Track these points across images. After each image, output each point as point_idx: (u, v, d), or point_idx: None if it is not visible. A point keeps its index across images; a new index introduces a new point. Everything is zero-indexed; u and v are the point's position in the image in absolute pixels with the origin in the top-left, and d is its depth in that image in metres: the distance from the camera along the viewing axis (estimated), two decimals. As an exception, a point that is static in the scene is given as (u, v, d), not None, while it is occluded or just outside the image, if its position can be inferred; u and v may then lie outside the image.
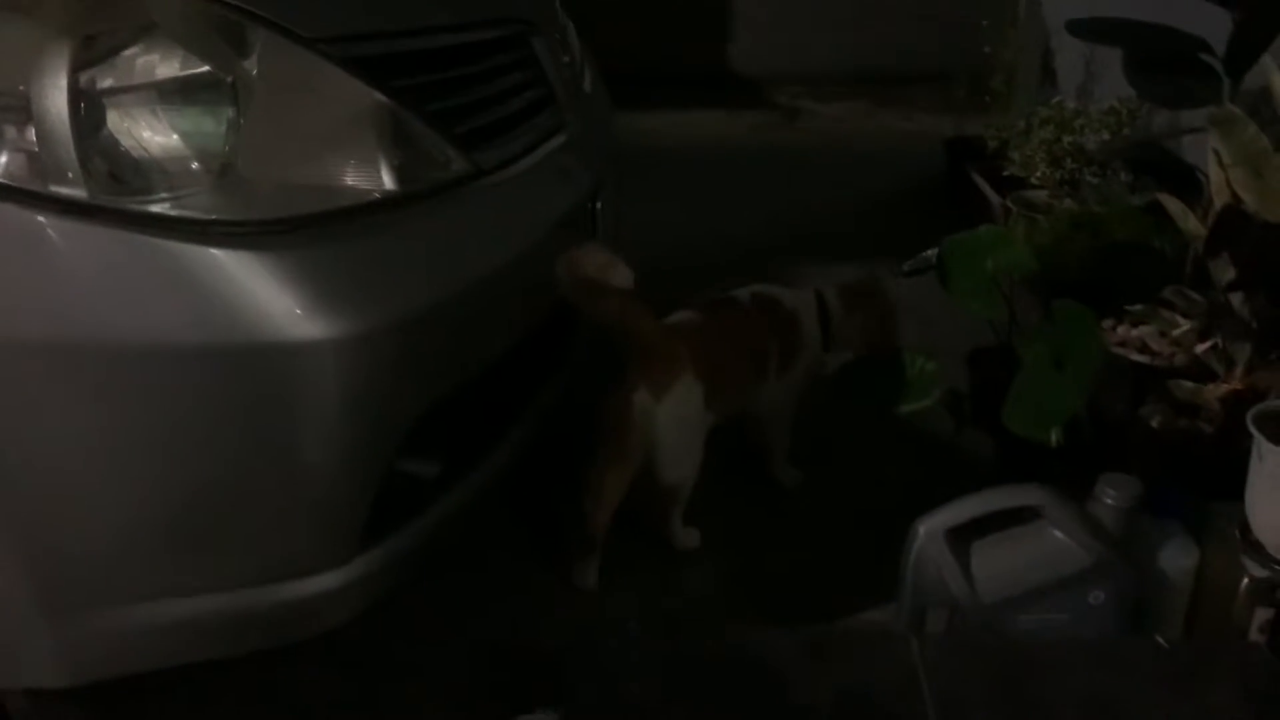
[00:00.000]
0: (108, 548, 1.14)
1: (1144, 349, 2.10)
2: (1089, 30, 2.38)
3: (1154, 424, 1.85)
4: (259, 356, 1.09)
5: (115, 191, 1.06)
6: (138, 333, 1.06)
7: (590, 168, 1.78)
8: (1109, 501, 1.47)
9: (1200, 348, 1.86)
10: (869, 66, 4.95)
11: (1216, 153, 1.77)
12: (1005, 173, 3.06)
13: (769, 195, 3.65)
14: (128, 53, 1.08)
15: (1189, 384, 1.87)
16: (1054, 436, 1.62)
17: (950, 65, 4.61)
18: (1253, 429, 1.49)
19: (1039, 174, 2.92)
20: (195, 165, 1.11)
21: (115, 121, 1.08)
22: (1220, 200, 1.75)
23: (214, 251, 1.06)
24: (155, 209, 1.06)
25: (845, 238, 3.16)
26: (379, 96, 1.23)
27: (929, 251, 2.51)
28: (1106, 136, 2.83)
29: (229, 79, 1.14)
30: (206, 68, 1.13)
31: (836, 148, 4.39)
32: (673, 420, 1.61)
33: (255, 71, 1.15)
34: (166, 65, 1.11)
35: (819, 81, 4.98)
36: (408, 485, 1.30)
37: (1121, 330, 2.16)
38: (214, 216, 1.08)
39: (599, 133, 1.94)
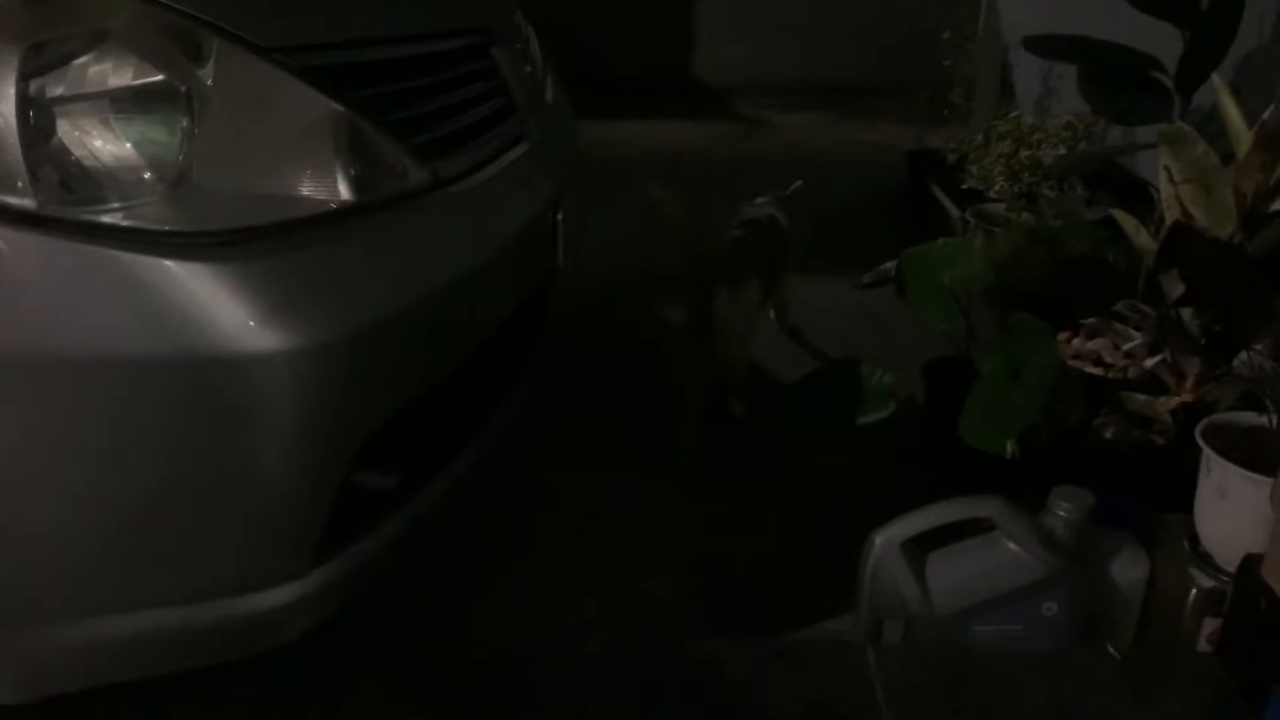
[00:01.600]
0: (59, 562, 1.12)
1: (1098, 361, 2.14)
2: (1045, 47, 2.43)
3: (1107, 435, 1.88)
4: (212, 368, 1.07)
5: (66, 201, 1.04)
6: (90, 344, 1.04)
7: (552, 177, 1.77)
8: (1061, 514, 1.49)
9: (1150, 362, 1.89)
10: (832, 78, 5.00)
11: (1168, 169, 1.80)
12: (964, 186, 3.10)
13: (732, 205, 3.66)
14: (79, 61, 1.06)
15: (1141, 396, 1.91)
16: (1009, 448, 1.64)
17: (911, 78, 4.67)
18: (1200, 442, 1.52)
19: (997, 187, 2.96)
20: (148, 175, 1.09)
21: (66, 130, 1.06)
22: (1171, 216, 1.79)
23: (167, 263, 1.04)
24: (107, 219, 1.04)
25: (808, 247, 3.18)
26: (336, 106, 1.21)
27: (887, 264, 2.54)
28: (1063, 151, 2.87)
29: (183, 88, 1.12)
30: (160, 76, 1.11)
31: (799, 158, 4.42)
32: (739, 311, 2.08)
33: (210, 81, 1.13)
34: (119, 74, 1.09)
35: (783, 92, 5.01)
36: (365, 496, 1.29)
37: (1077, 343, 2.20)
38: (167, 227, 1.06)
39: (561, 143, 1.94)
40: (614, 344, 2.61)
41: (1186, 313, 1.79)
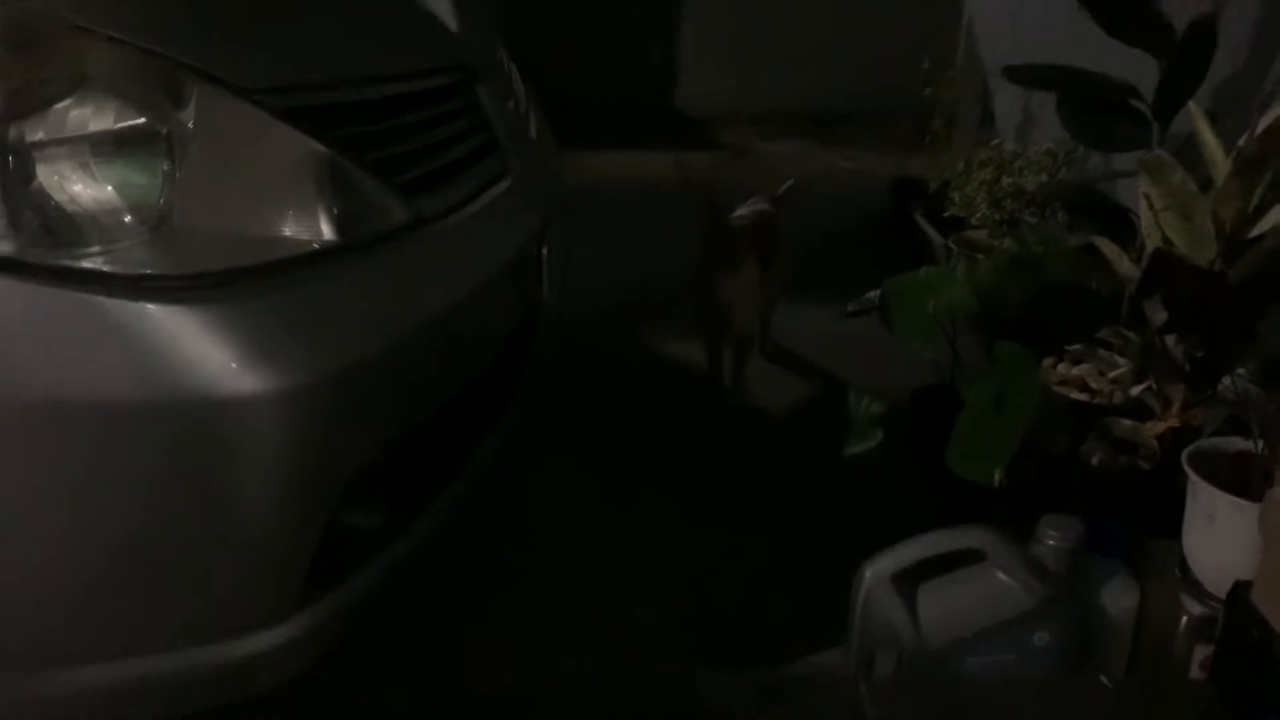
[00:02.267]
0: (39, 610, 1.11)
1: (1084, 387, 2.14)
2: (1024, 76, 2.45)
3: (1094, 462, 1.88)
4: (194, 411, 1.06)
5: (47, 246, 1.04)
6: (71, 389, 1.03)
7: (536, 213, 1.78)
8: (1050, 543, 1.49)
9: (1135, 389, 1.89)
10: (813, 106, 5.04)
11: (1148, 196, 1.81)
12: (946, 213, 3.12)
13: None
14: (60, 105, 1.06)
15: (1127, 422, 1.91)
16: (997, 477, 1.64)
17: (892, 105, 4.71)
18: (1186, 468, 1.52)
19: (979, 214, 2.98)
20: (128, 218, 1.09)
21: (46, 175, 1.06)
22: (1152, 243, 1.80)
23: (148, 306, 1.03)
24: (87, 264, 1.04)
25: (792, 275, 3.19)
26: (318, 147, 1.21)
27: (871, 293, 2.55)
28: (1044, 177, 2.90)
29: (164, 130, 1.12)
30: (141, 120, 1.11)
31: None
32: (740, 288, 2.41)
33: (191, 122, 1.13)
34: (100, 118, 1.09)
35: (765, 121, 5.05)
36: (350, 538, 1.28)
37: (1062, 369, 2.21)
38: (148, 271, 1.06)
39: (545, 177, 1.94)
40: (600, 373, 2.61)
41: (1170, 339, 1.79)
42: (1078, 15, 2.21)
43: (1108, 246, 1.92)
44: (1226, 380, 1.76)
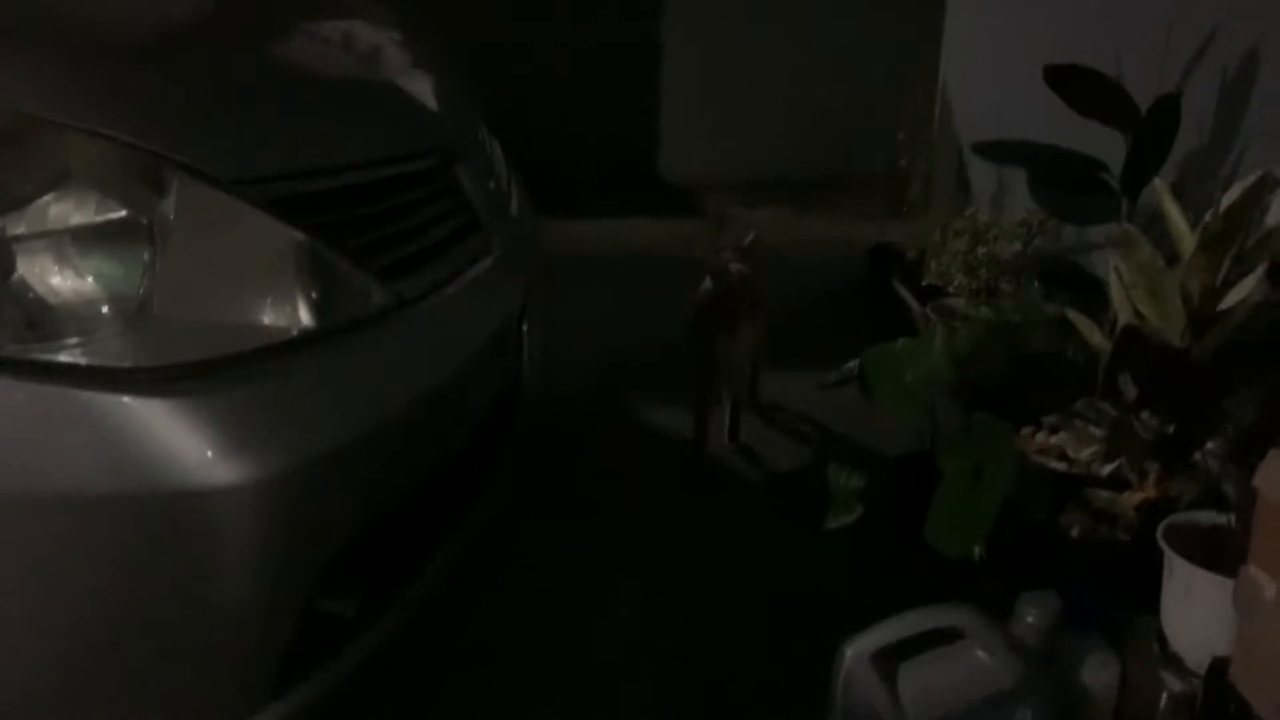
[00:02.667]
0: (7, 700, 1.09)
1: (1062, 456, 2.15)
2: (994, 152, 2.50)
3: (1074, 533, 1.88)
4: (169, 504, 1.06)
5: (25, 339, 1.04)
6: (44, 483, 1.03)
7: (516, 291, 1.79)
8: (1030, 620, 1.49)
9: (1107, 468, 1.90)
10: (791, 174, 5.11)
11: (1118, 270, 1.85)
12: (924, 283, 3.15)
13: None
14: (41, 200, 1.08)
15: (1105, 493, 1.92)
16: (976, 551, 1.65)
17: (868, 172, 4.79)
18: (1162, 543, 1.53)
19: (956, 283, 3.01)
20: (106, 309, 1.09)
21: (26, 267, 1.07)
22: (1124, 317, 1.83)
23: (123, 399, 1.04)
24: (64, 357, 1.04)
25: (773, 341, 3.22)
26: (298, 235, 1.22)
27: (850, 363, 2.57)
28: (1018, 246, 2.93)
29: (145, 220, 1.13)
30: (123, 212, 1.12)
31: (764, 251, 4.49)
32: (740, 343, 2.54)
33: (173, 214, 1.15)
34: (81, 211, 1.10)
35: (744, 188, 5.12)
36: (324, 625, 1.27)
37: (1040, 437, 2.22)
38: (126, 364, 1.06)
39: (525, 254, 1.96)
40: (581, 445, 2.61)
41: (1143, 413, 1.81)
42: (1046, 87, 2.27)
43: (1080, 320, 1.95)
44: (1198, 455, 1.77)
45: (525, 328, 1.81)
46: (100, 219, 1.11)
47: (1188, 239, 1.83)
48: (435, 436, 1.45)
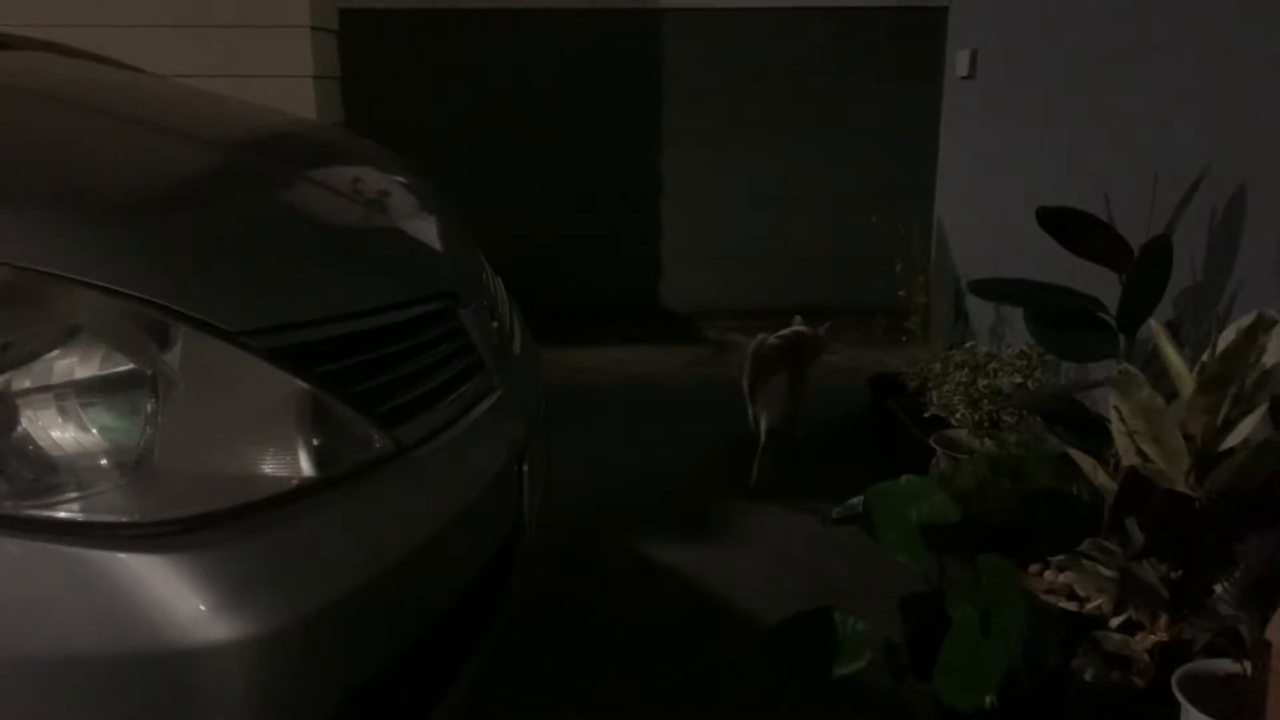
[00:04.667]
0: None
1: (1071, 595, 2.12)
2: (990, 291, 2.53)
3: (1087, 677, 1.84)
4: (168, 662, 1.04)
5: (25, 495, 1.04)
6: (41, 643, 1.01)
7: (517, 430, 1.79)
8: (1045, 777, 1.44)
9: (1115, 621, 1.87)
10: (791, 303, 5.19)
11: (1118, 410, 1.84)
12: (926, 414, 3.16)
13: (700, 429, 3.71)
14: (48, 356, 1.09)
15: (1117, 635, 1.88)
16: (988, 702, 1.60)
17: (868, 302, 4.86)
18: (1177, 694, 1.49)
19: (958, 415, 3.02)
20: (105, 461, 1.09)
21: (30, 421, 1.07)
22: (1126, 458, 1.81)
23: (120, 555, 1.02)
24: (63, 513, 1.04)
25: (775, 471, 3.20)
26: (300, 384, 1.23)
27: (855, 499, 2.55)
28: (1018, 379, 2.95)
29: (149, 372, 1.14)
30: (128, 365, 1.13)
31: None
32: (773, 391, 3.26)
33: (177, 365, 1.15)
34: (86, 365, 1.11)
35: (745, 316, 5.18)
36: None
37: (1049, 575, 2.18)
38: (124, 519, 1.05)
39: (527, 393, 1.96)
40: (580, 584, 2.57)
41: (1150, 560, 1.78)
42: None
43: (1082, 459, 1.94)
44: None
45: (525, 468, 1.80)
46: (105, 372, 1.11)
47: (1186, 378, 1.83)
48: (437, 584, 1.43)
